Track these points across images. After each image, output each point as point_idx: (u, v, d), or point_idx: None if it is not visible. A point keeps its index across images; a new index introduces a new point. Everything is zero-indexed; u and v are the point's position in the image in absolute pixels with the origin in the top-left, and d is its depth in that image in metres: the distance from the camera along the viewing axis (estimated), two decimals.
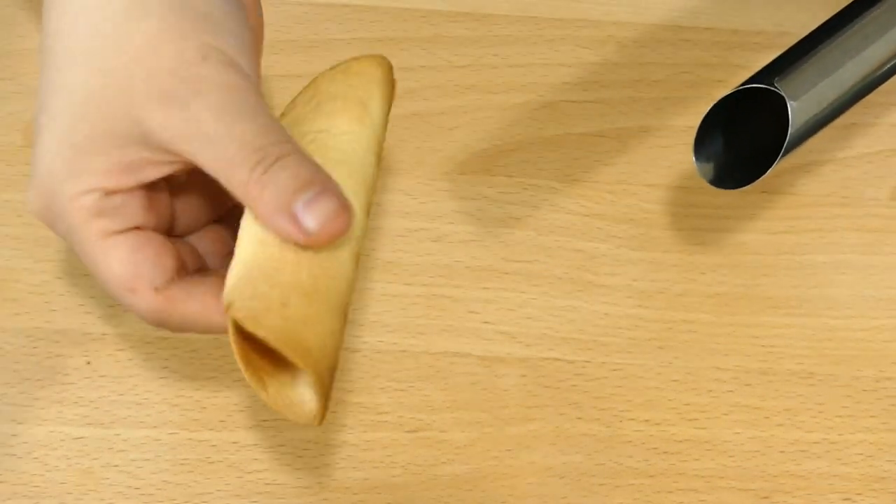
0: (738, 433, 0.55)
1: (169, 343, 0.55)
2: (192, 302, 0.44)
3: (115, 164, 0.43)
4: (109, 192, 0.43)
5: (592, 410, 0.55)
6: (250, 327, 0.41)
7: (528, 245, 0.59)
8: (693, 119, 0.63)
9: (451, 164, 0.60)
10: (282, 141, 0.42)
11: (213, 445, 0.54)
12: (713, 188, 0.50)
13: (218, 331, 0.44)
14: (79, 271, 0.57)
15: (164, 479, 0.53)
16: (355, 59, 0.47)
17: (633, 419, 0.55)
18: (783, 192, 0.61)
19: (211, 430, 0.54)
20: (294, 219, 0.41)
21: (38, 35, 0.63)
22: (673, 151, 0.61)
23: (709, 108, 0.49)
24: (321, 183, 0.41)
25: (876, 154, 0.62)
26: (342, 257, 0.43)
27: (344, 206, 0.41)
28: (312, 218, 0.41)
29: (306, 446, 0.54)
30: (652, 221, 0.60)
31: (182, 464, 0.53)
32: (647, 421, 0.55)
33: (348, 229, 0.41)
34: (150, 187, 0.44)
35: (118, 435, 0.54)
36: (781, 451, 0.55)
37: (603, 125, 0.62)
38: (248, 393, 0.55)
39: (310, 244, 0.41)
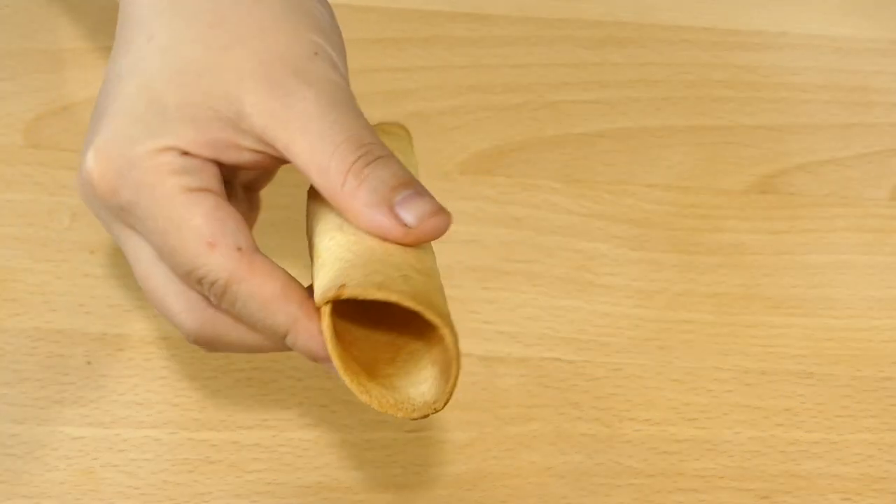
0: (738, 433, 0.55)
1: (169, 343, 0.56)
2: (272, 280, 0.41)
3: (200, 137, 0.41)
4: (188, 154, 0.41)
5: (592, 410, 0.55)
6: (378, 294, 0.39)
7: (528, 245, 0.59)
8: (693, 119, 0.63)
9: (451, 164, 0.60)
10: (382, 143, 0.42)
11: (213, 445, 0.54)
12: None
13: (280, 330, 0.42)
14: (79, 271, 0.57)
15: (164, 479, 0.53)
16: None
17: (633, 419, 0.55)
18: (783, 192, 0.61)
19: (211, 430, 0.54)
20: (392, 213, 0.40)
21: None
22: (673, 151, 0.62)
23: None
24: (418, 184, 0.41)
25: (876, 154, 0.62)
26: (431, 260, 0.42)
27: (441, 207, 0.41)
28: (411, 214, 0.40)
29: (306, 446, 0.54)
30: (652, 221, 0.60)
31: (182, 464, 0.53)
32: (647, 421, 0.55)
33: (447, 228, 0.41)
34: (224, 172, 0.43)
35: (118, 435, 0.54)
36: (781, 451, 0.55)
37: (603, 125, 0.62)
38: (248, 393, 0.55)
39: (407, 239, 0.40)
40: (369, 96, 0.62)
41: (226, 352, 0.44)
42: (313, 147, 0.41)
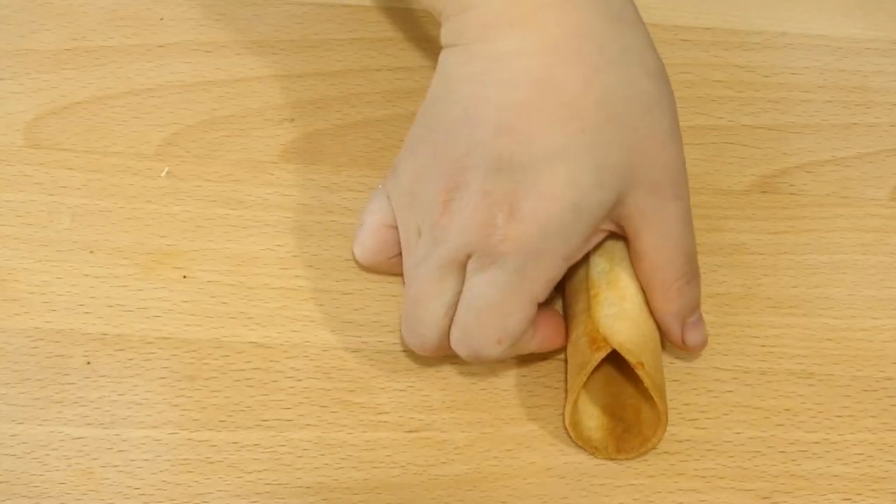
0: (738, 433, 0.55)
1: (169, 343, 0.56)
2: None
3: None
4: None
5: None
6: (654, 395, 0.51)
7: None
8: (693, 119, 0.63)
9: None
10: (696, 261, 0.53)
11: (213, 445, 0.54)
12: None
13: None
14: (79, 271, 0.57)
15: (164, 479, 0.53)
16: None
17: None
18: (783, 192, 0.61)
19: (211, 430, 0.54)
20: (682, 328, 0.53)
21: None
22: None
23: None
24: (699, 310, 0.54)
25: (876, 154, 0.62)
26: None
27: (706, 334, 0.54)
28: (694, 336, 0.54)
29: (306, 446, 0.54)
30: None
31: (182, 464, 0.53)
32: None
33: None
34: None
35: (118, 435, 0.54)
36: (781, 451, 0.55)
37: None
38: (248, 393, 0.55)
39: (683, 349, 0.54)
40: (369, 96, 0.62)
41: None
42: (662, 249, 0.52)
